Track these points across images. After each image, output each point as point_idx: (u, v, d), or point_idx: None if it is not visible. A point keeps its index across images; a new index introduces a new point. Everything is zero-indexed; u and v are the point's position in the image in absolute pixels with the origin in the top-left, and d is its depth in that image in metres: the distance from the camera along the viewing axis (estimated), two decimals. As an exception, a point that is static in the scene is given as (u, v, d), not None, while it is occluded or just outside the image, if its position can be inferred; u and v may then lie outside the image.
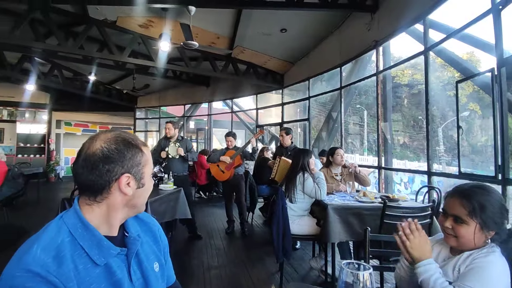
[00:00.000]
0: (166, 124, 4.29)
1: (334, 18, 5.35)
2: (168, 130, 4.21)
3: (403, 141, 13.98)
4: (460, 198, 1.07)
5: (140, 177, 0.81)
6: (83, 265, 0.70)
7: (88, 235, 0.73)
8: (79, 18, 5.57)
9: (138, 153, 0.80)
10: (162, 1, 4.30)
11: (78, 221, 0.74)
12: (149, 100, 11.28)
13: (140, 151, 0.81)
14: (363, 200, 2.82)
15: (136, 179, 0.80)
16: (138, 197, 0.82)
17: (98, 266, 0.72)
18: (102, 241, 0.74)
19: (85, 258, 0.71)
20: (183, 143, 4.25)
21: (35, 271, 0.62)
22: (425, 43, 3.82)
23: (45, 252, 0.66)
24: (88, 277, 0.70)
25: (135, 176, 0.79)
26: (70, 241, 0.71)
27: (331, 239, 2.58)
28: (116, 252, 0.76)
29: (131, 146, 0.80)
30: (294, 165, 3.02)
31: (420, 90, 12.25)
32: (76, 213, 0.75)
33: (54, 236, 0.70)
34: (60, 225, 0.73)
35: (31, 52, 6.83)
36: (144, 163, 0.82)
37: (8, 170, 4.84)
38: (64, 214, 0.76)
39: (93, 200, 0.76)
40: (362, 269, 0.74)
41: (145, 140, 12.42)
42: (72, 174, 0.88)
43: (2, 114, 10.44)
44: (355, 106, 13.13)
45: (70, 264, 0.67)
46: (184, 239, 4.22)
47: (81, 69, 8.45)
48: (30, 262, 0.63)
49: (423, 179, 7.82)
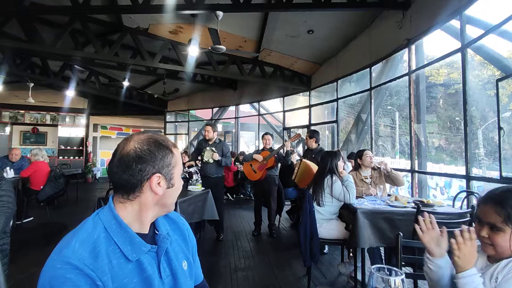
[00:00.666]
0: (205, 127, 4.33)
1: (363, 17, 5.22)
2: (206, 133, 4.25)
3: (439, 143, 13.25)
4: (493, 205, 1.00)
5: (170, 177, 0.83)
6: (117, 260, 0.73)
7: (121, 232, 0.76)
8: (114, 27, 5.89)
9: (168, 154, 0.83)
10: (192, 8, 4.42)
11: (112, 218, 0.77)
12: (178, 103, 11.63)
13: (170, 152, 0.84)
14: (394, 205, 2.70)
15: (166, 179, 0.82)
16: (168, 196, 0.85)
17: (131, 262, 0.75)
18: (134, 238, 0.77)
19: (119, 254, 0.74)
20: (220, 146, 4.27)
21: (74, 263, 0.66)
22: (462, 40, 3.60)
23: (83, 247, 0.69)
24: (121, 272, 0.72)
25: (165, 176, 0.82)
26: (105, 237, 0.74)
27: (361, 244, 2.50)
28: (147, 249, 0.79)
29: (162, 147, 0.82)
30: (322, 167, 2.97)
31: (457, 90, 11.57)
32: (111, 210, 0.79)
33: (91, 231, 0.74)
34: (96, 222, 0.76)
35: (71, 60, 7.31)
36: (174, 164, 0.84)
37: (50, 171, 5.19)
38: (100, 211, 0.79)
39: (126, 199, 0.80)
40: (394, 274, 0.71)
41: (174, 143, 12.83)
42: (107, 173, 0.93)
43: (45, 118, 11.23)
44: (386, 107, 12.65)
45: (105, 259, 0.71)
46: (212, 240, 4.29)
47: (116, 75, 8.91)
48: (70, 255, 0.67)
49: (461, 183, 7.36)
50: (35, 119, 11.13)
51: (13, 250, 1.87)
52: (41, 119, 11.18)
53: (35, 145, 10.44)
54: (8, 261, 1.78)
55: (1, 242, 1.70)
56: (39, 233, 4.62)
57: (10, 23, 5.00)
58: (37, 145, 10.27)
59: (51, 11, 4.99)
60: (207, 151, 4.20)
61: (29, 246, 3.90)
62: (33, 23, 5.20)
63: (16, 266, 2.98)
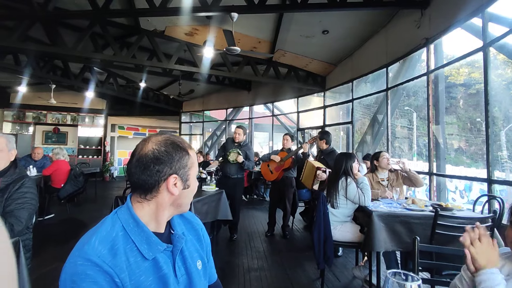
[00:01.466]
0: (236, 129, 4.31)
1: (380, 17, 5.13)
2: (237, 136, 4.25)
3: (458, 145, 12.81)
4: None
5: (186, 179, 0.85)
6: (134, 258, 0.75)
7: (138, 231, 0.78)
8: (132, 30, 6.03)
9: (185, 155, 0.85)
10: (207, 10, 4.47)
11: (130, 217, 0.79)
12: (193, 104, 11.77)
13: (187, 153, 0.85)
14: (411, 208, 2.64)
15: (182, 180, 0.84)
16: (184, 197, 0.86)
17: (147, 260, 0.77)
18: (150, 237, 0.79)
19: (136, 252, 0.76)
20: (245, 149, 4.27)
21: (94, 260, 0.68)
22: (484, 39, 3.48)
23: (102, 244, 0.72)
24: (138, 270, 0.74)
25: (181, 177, 0.84)
26: (123, 235, 0.76)
27: (376, 248, 2.45)
28: (163, 248, 0.80)
29: (179, 149, 0.84)
30: (337, 169, 2.93)
31: (478, 90, 11.16)
32: (129, 210, 0.81)
33: (110, 230, 0.76)
34: (115, 220, 0.79)
35: (90, 63, 7.55)
36: (190, 166, 0.86)
37: (70, 170, 5.36)
38: (118, 210, 0.82)
39: (143, 198, 0.82)
40: (410, 280, 0.70)
41: (189, 143, 13.00)
42: (125, 173, 0.95)
43: (66, 119, 11.62)
44: (403, 108, 12.34)
45: (122, 256, 0.73)
46: (225, 239, 4.32)
47: (133, 76, 9.12)
48: (90, 252, 0.70)
49: (482, 187, 7.10)
50: (57, 119, 11.53)
51: (35, 245, 1.95)
52: (62, 120, 11.57)
53: (56, 144, 10.83)
54: (31, 255, 1.85)
55: (24, 237, 1.77)
56: (60, 229, 4.78)
57: (34, 27, 5.20)
58: (58, 145, 10.64)
59: (73, 15, 5.17)
60: (233, 153, 4.22)
61: (51, 241, 4.04)
62: (56, 27, 5.40)
63: (39, 261, 3.10)
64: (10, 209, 1.69)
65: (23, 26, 4.99)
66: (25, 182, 1.79)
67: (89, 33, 5.45)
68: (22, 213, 1.72)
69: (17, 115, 10.96)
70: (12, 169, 1.81)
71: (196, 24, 5.71)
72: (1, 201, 1.69)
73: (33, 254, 1.88)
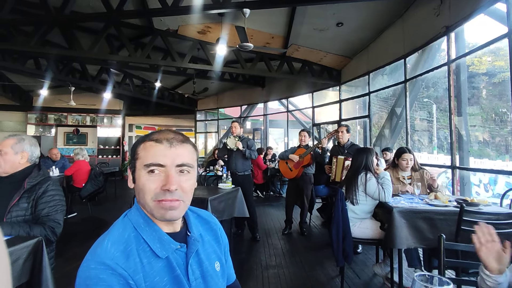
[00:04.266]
0: (232, 123, 4.38)
1: (396, 6, 4.95)
2: (234, 129, 4.29)
3: (482, 137, 12.31)
4: None
5: (134, 170, 0.79)
6: (147, 259, 0.73)
7: (150, 230, 0.76)
8: (146, 30, 6.11)
9: (139, 144, 0.80)
10: (219, 7, 4.45)
11: (140, 217, 0.78)
12: (207, 102, 11.85)
13: (142, 142, 0.80)
14: (434, 204, 2.53)
15: (131, 170, 0.80)
16: (139, 194, 0.78)
17: (161, 259, 0.74)
18: (162, 236, 0.76)
19: (149, 252, 0.74)
20: (244, 141, 4.30)
21: (107, 263, 0.67)
22: (510, 24, 3.29)
23: (115, 246, 0.71)
24: (152, 271, 0.72)
25: (131, 168, 0.80)
26: (135, 235, 0.75)
27: (397, 245, 2.37)
28: (176, 246, 0.77)
29: (141, 138, 0.82)
30: (357, 164, 2.85)
31: (503, 79, 10.66)
32: (137, 210, 0.79)
33: (121, 231, 0.75)
34: (126, 222, 0.77)
35: (107, 64, 7.72)
36: (139, 155, 0.78)
37: (91, 170, 5.51)
38: (128, 212, 0.81)
39: None
40: (438, 283, 0.65)
41: (204, 141, 13.17)
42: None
43: (85, 120, 11.96)
44: (422, 100, 11.96)
45: (136, 258, 0.71)
46: (243, 237, 4.32)
47: (148, 76, 9.26)
48: (103, 256, 0.68)
49: (508, 180, 6.80)
50: (77, 120, 11.89)
51: (59, 244, 2.00)
52: (82, 121, 11.92)
53: (77, 145, 11.19)
54: (54, 255, 1.90)
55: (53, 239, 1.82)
56: (82, 228, 4.93)
57: (52, 31, 5.35)
58: (79, 145, 10.98)
59: (88, 18, 5.27)
60: (231, 139, 4.23)
61: (74, 240, 4.17)
62: (73, 30, 5.53)
63: (62, 259, 3.20)
64: (45, 212, 1.75)
65: (41, 31, 5.14)
66: (50, 184, 1.84)
67: (104, 35, 5.56)
68: (58, 216, 1.79)
69: (39, 118, 11.39)
70: (35, 170, 1.86)
71: (209, 22, 5.71)
72: (29, 202, 1.74)
73: (56, 253, 1.93)
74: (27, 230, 1.62)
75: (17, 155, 1.80)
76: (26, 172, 1.82)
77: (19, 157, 1.81)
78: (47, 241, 1.63)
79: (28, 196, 1.75)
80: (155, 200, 0.74)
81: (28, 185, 1.76)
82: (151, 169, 0.75)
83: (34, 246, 1.49)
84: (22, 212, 1.71)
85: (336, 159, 3.90)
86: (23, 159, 1.82)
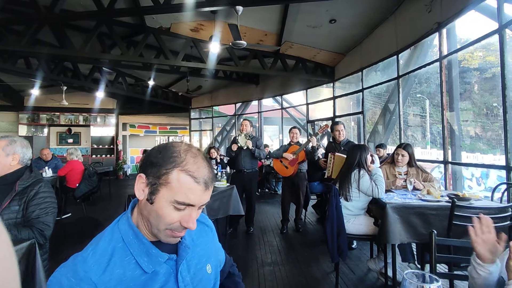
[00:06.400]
0: (243, 121, 4.42)
1: (388, 2, 4.97)
2: (244, 127, 4.34)
3: (474, 132, 12.46)
4: None
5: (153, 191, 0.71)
6: (131, 272, 0.71)
7: (138, 243, 0.74)
8: (138, 28, 6.04)
9: (172, 168, 0.70)
10: (212, 4, 4.42)
11: (129, 228, 0.75)
12: (202, 100, 11.80)
13: (176, 168, 0.70)
14: (427, 199, 2.57)
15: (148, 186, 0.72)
16: (149, 212, 0.73)
17: (146, 273, 0.72)
18: (150, 249, 0.74)
19: (134, 265, 0.72)
20: (254, 140, 4.34)
21: (79, 274, 0.67)
22: (500, 20, 3.34)
23: (95, 258, 0.70)
24: (133, 283, 0.70)
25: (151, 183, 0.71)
26: (121, 247, 0.73)
27: (391, 240, 2.40)
28: (164, 259, 0.75)
29: (174, 162, 0.71)
30: (351, 161, 2.88)
31: (494, 74, 10.78)
32: (127, 219, 0.77)
33: (108, 241, 0.73)
34: (115, 231, 0.75)
35: (99, 63, 7.62)
36: (171, 184, 0.70)
37: (84, 169, 5.46)
38: (120, 219, 0.78)
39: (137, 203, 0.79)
40: (428, 280, 0.66)
41: (199, 139, 13.13)
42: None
43: (78, 119, 11.83)
44: (415, 95, 12.05)
45: (119, 269, 0.70)
46: (240, 233, 4.35)
47: (141, 75, 9.18)
48: (79, 265, 0.68)
49: (500, 173, 6.89)
50: (69, 120, 11.75)
51: (53, 245, 1.99)
52: (75, 120, 11.78)
53: (70, 145, 11.08)
54: (48, 256, 1.89)
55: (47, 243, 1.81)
56: (77, 228, 4.89)
57: (43, 30, 5.26)
58: (73, 145, 10.87)
59: (79, 16, 5.19)
60: (242, 137, 4.26)
61: (69, 240, 4.14)
62: (64, 29, 5.45)
63: (56, 262, 3.18)
64: (35, 215, 1.72)
65: (31, 30, 5.06)
66: (42, 186, 1.81)
67: (96, 34, 5.49)
68: (48, 218, 1.77)
69: (31, 118, 11.22)
70: (27, 172, 1.83)
71: (201, 19, 5.67)
72: (20, 204, 1.72)
73: (50, 255, 1.91)
74: (15, 233, 1.60)
75: (8, 157, 1.77)
76: (18, 175, 1.79)
77: (10, 159, 1.78)
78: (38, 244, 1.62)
79: (19, 199, 1.73)
80: (168, 229, 0.72)
81: (20, 187, 1.74)
82: (180, 207, 0.71)
83: (27, 249, 1.48)
84: (13, 215, 1.69)
85: (333, 156, 3.91)
86: (14, 161, 1.79)
